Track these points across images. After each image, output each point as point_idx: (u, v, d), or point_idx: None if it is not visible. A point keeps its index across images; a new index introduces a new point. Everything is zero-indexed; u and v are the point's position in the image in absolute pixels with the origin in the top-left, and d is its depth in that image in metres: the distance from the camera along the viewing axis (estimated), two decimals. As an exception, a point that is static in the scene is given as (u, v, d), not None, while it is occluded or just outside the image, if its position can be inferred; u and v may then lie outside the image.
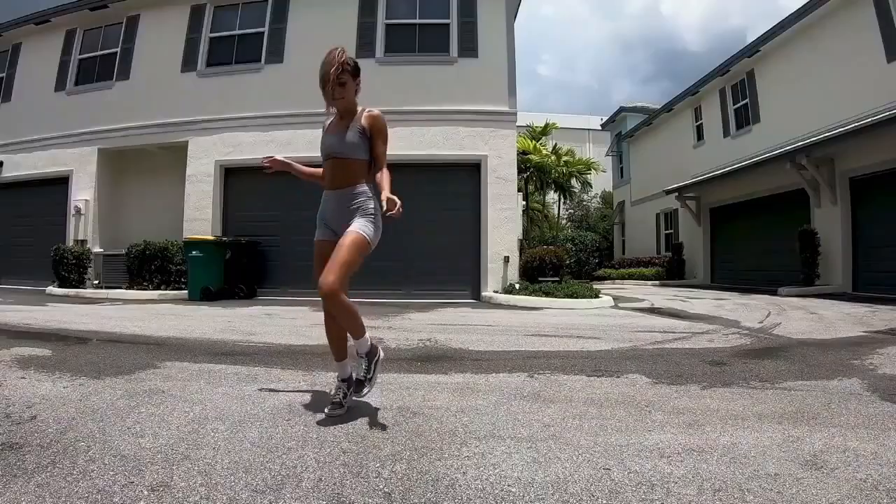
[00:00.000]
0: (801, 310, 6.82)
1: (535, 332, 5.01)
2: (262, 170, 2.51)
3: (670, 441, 1.88)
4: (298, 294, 9.18)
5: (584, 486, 1.49)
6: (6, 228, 11.44)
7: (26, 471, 1.53)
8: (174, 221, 9.77)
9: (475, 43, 9.63)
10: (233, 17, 10.36)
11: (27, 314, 5.97)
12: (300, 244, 9.64)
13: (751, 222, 13.01)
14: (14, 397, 2.35)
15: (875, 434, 1.95)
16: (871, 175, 9.33)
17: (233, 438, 1.86)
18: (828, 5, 10.31)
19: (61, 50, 11.19)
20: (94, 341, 4.12)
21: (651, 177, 18.70)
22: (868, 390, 2.64)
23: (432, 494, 1.43)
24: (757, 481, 1.52)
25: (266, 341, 4.26)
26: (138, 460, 1.63)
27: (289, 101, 9.74)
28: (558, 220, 21.07)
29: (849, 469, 1.61)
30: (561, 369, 3.20)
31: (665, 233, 18.15)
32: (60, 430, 1.90)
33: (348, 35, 9.79)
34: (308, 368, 3.19)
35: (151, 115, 10.16)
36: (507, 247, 9.19)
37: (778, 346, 4.16)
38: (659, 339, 4.47)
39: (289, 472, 1.57)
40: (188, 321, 5.56)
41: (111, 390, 2.53)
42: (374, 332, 4.77)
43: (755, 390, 2.67)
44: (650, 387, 2.76)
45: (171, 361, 3.31)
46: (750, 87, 13.47)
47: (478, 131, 9.35)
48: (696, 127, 16.29)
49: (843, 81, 10.10)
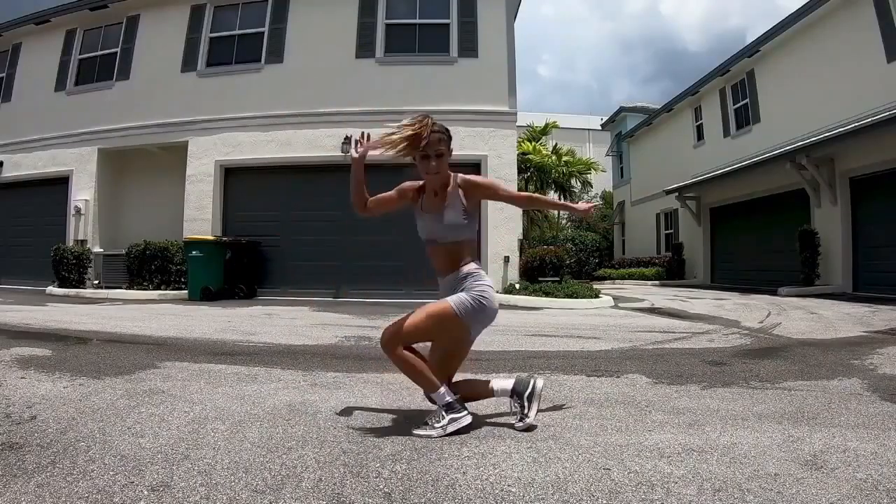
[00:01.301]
0: (801, 310, 6.82)
1: (535, 332, 5.01)
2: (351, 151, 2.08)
3: (670, 441, 1.88)
4: (298, 294, 9.19)
5: (584, 486, 1.49)
6: (6, 228, 11.45)
7: (26, 471, 1.53)
8: (174, 221, 9.78)
9: (475, 43, 9.63)
10: (233, 16, 10.37)
11: (27, 314, 5.97)
12: (300, 244, 9.71)
13: (751, 222, 13.00)
14: (14, 397, 2.35)
15: (875, 434, 1.95)
16: (871, 175, 9.32)
17: (233, 438, 1.86)
18: (828, 5, 10.30)
19: (61, 50, 11.20)
20: (94, 341, 4.12)
21: (651, 177, 18.70)
22: (868, 390, 2.64)
23: (432, 494, 1.43)
24: (757, 481, 1.52)
25: (266, 341, 4.26)
26: (138, 460, 1.63)
27: (289, 101, 9.76)
28: (558, 220, 21.05)
29: (849, 469, 1.61)
30: (561, 369, 3.20)
31: (665, 233, 18.15)
32: (60, 430, 1.90)
33: (348, 35, 9.81)
34: (308, 368, 3.19)
35: (151, 115, 10.17)
36: (507, 247, 9.20)
37: (778, 346, 4.16)
38: (659, 339, 4.47)
39: (289, 472, 1.56)
40: (188, 321, 5.56)
41: (111, 390, 2.53)
42: (375, 332, 4.78)
43: (755, 390, 2.67)
44: (650, 387, 2.76)
45: (171, 361, 3.31)
46: (750, 86, 13.46)
47: (478, 131, 9.35)
48: (697, 127, 16.29)
49: (843, 81, 10.10)
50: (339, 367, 3.26)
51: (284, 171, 9.85)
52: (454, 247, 2.05)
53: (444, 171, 2.04)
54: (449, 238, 2.04)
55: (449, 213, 2.03)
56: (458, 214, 2.03)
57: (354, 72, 9.72)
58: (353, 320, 5.87)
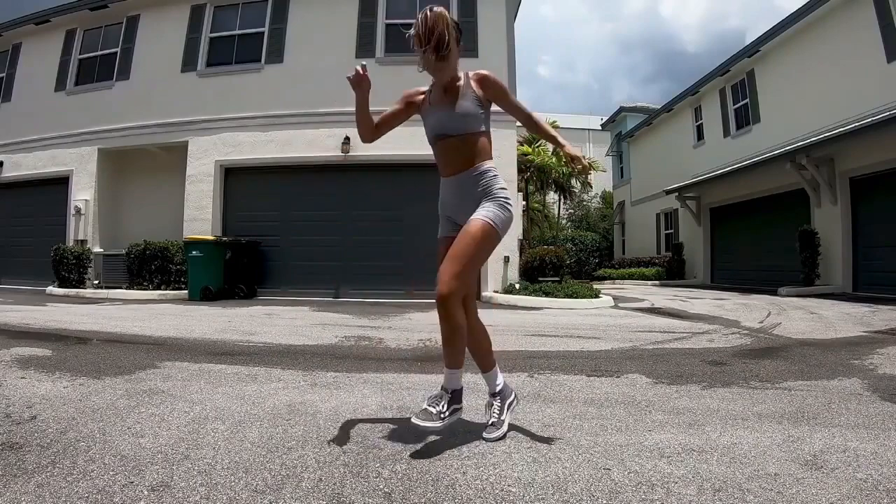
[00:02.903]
0: (801, 310, 6.82)
1: (535, 331, 5.01)
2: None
3: (670, 441, 1.88)
4: (298, 294, 9.19)
5: (584, 486, 1.49)
6: (6, 228, 11.45)
7: (26, 471, 1.53)
8: (174, 221, 9.78)
9: (475, 43, 9.63)
10: (233, 16, 10.37)
11: (27, 314, 5.97)
12: (300, 244, 9.71)
13: (751, 222, 13.01)
14: (14, 397, 2.35)
15: (875, 434, 1.95)
16: (871, 175, 9.32)
17: (233, 438, 1.86)
18: (828, 5, 10.31)
19: (61, 50, 11.20)
20: (94, 341, 4.12)
21: (651, 177, 18.70)
22: (868, 390, 2.64)
23: (432, 494, 1.43)
24: (757, 481, 1.52)
25: (266, 341, 4.25)
26: (138, 460, 1.63)
27: (289, 101, 9.76)
28: (558, 221, 21.06)
29: (849, 469, 1.61)
30: (561, 369, 3.20)
31: (665, 233, 18.15)
32: (60, 430, 1.90)
33: (348, 35, 9.81)
34: (308, 368, 3.19)
35: (151, 115, 10.17)
36: (507, 247, 9.19)
37: (778, 346, 4.16)
38: (659, 339, 4.47)
39: (289, 472, 1.56)
40: (188, 321, 5.56)
41: (111, 390, 2.53)
42: (375, 332, 4.78)
43: (755, 390, 2.67)
44: (650, 387, 2.76)
45: (171, 361, 3.31)
46: (750, 86, 13.47)
47: (478, 131, 9.34)
48: (697, 127, 16.29)
49: (843, 81, 10.10)
50: (339, 367, 3.26)
51: (284, 171, 9.85)
52: (470, 138, 1.90)
53: (453, 63, 1.87)
54: (463, 129, 1.88)
55: (463, 102, 1.89)
56: (472, 104, 1.90)
57: (355, 71, 9.72)
58: (353, 320, 5.87)
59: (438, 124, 1.92)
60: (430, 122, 1.95)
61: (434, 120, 1.93)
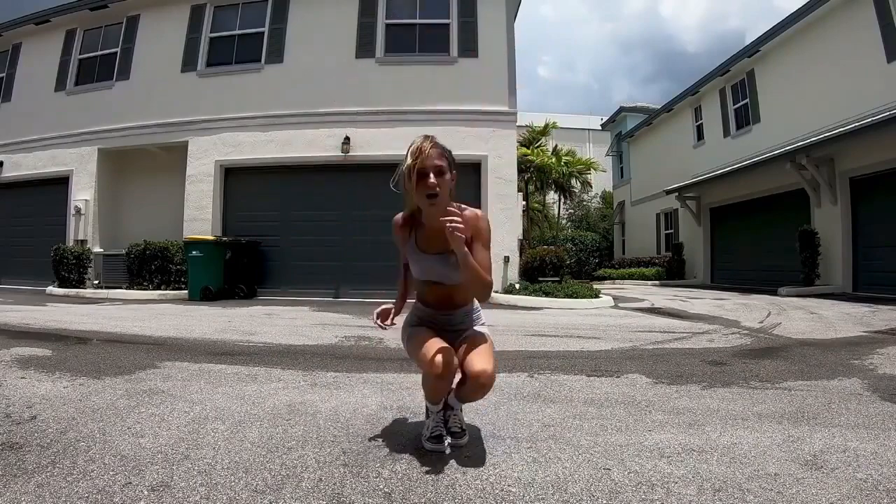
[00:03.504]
0: (801, 310, 6.82)
1: (535, 331, 5.01)
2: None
3: (670, 441, 1.88)
4: (298, 294, 9.19)
5: (584, 486, 1.49)
6: (6, 228, 11.45)
7: (26, 471, 1.53)
8: (174, 221, 9.78)
9: (475, 43, 9.63)
10: (233, 16, 10.37)
11: (27, 314, 5.97)
12: (300, 244, 9.71)
13: (751, 222, 13.00)
14: (14, 397, 2.35)
15: (875, 434, 1.95)
16: (871, 175, 9.32)
17: (233, 438, 1.86)
18: (828, 5, 10.31)
19: (61, 50, 11.20)
20: (94, 341, 4.12)
21: (651, 177, 18.70)
22: (868, 390, 2.64)
23: (432, 494, 1.43)
24: (757, 481, 1.52)
25: (266, 341, 4.25)
26: (138, 460, 1.63)
27: (289, 101, 9.76)
28: (558, 220, 21.06)
29: (849, 469, 1.61)
30: (561, 369, 3.20)
31: (665, 233, 18.15)
32: (60, 430, 1.90)
33: (348, 35, 9.81)
34: (308, 368, 3.19)
35: (151, 115, 10.17)
36: (507, 247, 9.19)
37: (778, 346, 4.16)
38: (659, 339, 4.47)
39: (289, 472, 1.57)
40: (188, 321, 5.56)
41: (111, 390, 2.53)
42: (375, 332, 4.78)
43: (755, 390, 2.67)
44: (650, 387, 2.76)
45: (171, 361, 3.31)
46: (750, 86, 13.46)
47: (478, 131, 9.35)
48: (697, 127, 16.29)
49: (843, 81, 10.10)
50: (339, 367, 3.26)
51: (284, 171, 9.85)
52: (462, 288, 1.82)
53: (444, 195, 1.68)
54: (458, 279, 1.75)
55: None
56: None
57: (354, 72, 9.72)
58: (353, 320, 5.87)
59: (433, 272, 1.80)
60: (420, 266, 1.82)
61: (427, 266, 1.80)
